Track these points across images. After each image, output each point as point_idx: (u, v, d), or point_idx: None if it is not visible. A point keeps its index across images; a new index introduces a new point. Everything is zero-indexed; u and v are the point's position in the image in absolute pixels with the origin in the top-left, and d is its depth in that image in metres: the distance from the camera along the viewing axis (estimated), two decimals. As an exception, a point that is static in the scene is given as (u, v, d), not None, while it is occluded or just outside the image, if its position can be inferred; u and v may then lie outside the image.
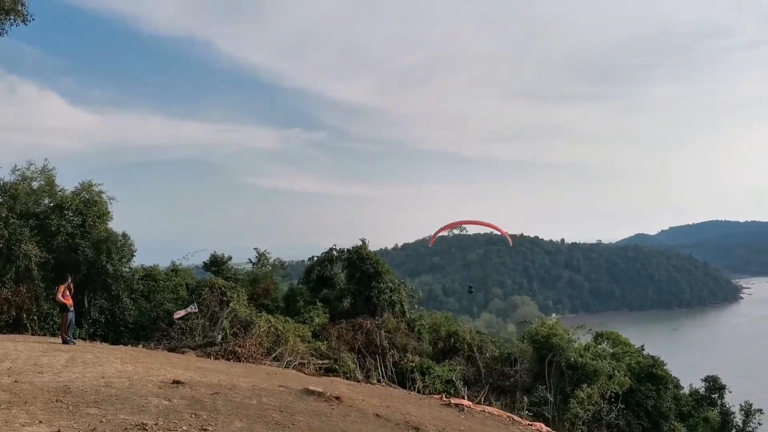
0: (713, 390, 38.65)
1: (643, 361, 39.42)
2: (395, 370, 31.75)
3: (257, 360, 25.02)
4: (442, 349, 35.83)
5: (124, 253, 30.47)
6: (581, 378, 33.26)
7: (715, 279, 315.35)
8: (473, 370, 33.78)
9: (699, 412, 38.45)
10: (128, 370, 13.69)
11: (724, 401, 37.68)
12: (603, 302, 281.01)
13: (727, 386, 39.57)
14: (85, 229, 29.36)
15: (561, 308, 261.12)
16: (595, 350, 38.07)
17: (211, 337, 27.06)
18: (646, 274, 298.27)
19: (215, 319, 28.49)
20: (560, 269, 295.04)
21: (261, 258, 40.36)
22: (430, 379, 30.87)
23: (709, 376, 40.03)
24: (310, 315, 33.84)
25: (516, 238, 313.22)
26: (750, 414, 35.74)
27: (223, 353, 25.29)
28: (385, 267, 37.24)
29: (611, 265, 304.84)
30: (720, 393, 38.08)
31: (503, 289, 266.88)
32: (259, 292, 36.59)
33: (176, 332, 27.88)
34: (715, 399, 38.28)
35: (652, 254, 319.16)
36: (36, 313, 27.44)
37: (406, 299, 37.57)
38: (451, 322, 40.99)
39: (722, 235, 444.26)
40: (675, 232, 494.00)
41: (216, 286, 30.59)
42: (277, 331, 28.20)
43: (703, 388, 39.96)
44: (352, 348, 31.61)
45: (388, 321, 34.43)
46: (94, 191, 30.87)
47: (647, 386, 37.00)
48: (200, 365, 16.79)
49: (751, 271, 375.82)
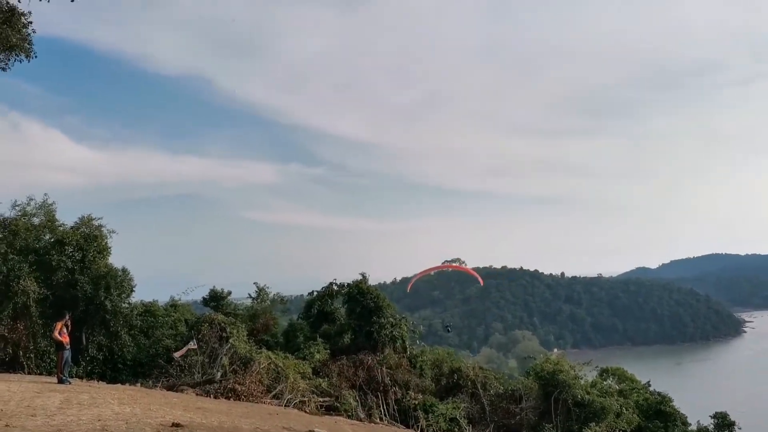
0: (722, 427, 37.84)
1: (651, 397, 38.78)
2: (397, 407, 31.04)
3: (257, 398, 24.44)
4: (445, 386, 35.13)
5: (123, 289, 30.05)
6: (589, 416, 32.52)
7: (718, 313, 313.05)
8: (477, 408, 33.05)
9: (708, 450, 37.62)
10: (125, 411, 13.21)
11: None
12: (605, 337, 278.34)
13: (737, 423, 38.73)
14: (85, 265, 29.02)
15: (563, 343, 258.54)
16: (602, 387, 37.35)
17: (211, 374, 26.50)
18: (648, 308, 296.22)
19: (214, 355, 27.95)
20: (561, 303, 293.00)
21: (260, 293, 39.91)
22: (433, 417, 30.16)
23: (718, 413, 39.25)
24: (310, 351, 33.27)
25: (516, 272, 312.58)
26: (761, 452, 34.98)
27: (222, 391, 24.73)
28: (385, 302, 36.79)
29: (612, 298, 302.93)
30: (729, 430, 37.26)
31: (504, 323, 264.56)
32: (259, 328, 36.06)
33: (175, 369, 27.32)
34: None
35: (654, 288, 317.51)
36: (33, 351, 26.90)
37: (407, 335, 36.98)
38: (454, 357, 40.36)
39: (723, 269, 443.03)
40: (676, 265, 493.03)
41: (215, 322, 30.11)
42: (277, 368, 27.69)
43: (711, 424, 39.12)
44: (353, 385, 30.96)
45: (390, 357, 33.81)
46: (94, 225, 30.63)
47: (655, 423, 36.31)
48: (200, 405, 16.27)
49: (754, 305, 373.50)
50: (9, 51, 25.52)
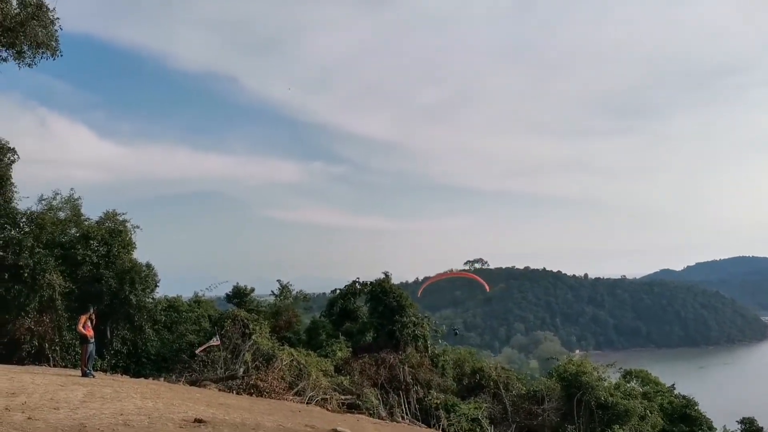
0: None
1: (675, 401, 38.09)
2: (419, 406, 30.82)
3: (279, 395, 24.42)
4: (466, 386, 34.82)
5: (148, 284, 30.28)
6: (612, 418, 32.03)
7: (743, 316, 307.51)
8: (499, 408, 32.69)
9: (734, 454, 36.86)
10: (148, 406, 13.19)
11: (761, 444, 36.07)
12: (628, 339, 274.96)
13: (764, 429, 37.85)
14: (110, 259, 29.29)
15: (585, 344, 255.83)
16: (625, 389, 36.75)
17: (233, 370, 26.56)
18: (672, 310, 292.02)
19: (237, 351, 28.03)
20: (584, 305, 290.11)
21: (284, 290, 39.99)
22: (455, 417, 29.89)
23: (746, 418, 38.41)
24: (332, 348, 33.23)
25: (538, 273, 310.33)
26: (789, 458, 34.10)
27: (244, 387, 24.78)
28: (408, 301, 36.62)
29: (636, 301, 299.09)
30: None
31: (525, 324, 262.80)
32: (282, 325, 36.10)
33: (198, 364, 27.47)
34: (752, 442, 36.65)
35: (678, 290, 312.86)
36: (58, 344, 27.21)
37: (429, 334, 36.77)
38: (476, 357, 39.99)
39: (749, 272, 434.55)
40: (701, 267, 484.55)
41: (238, 318, 30.22)
42: (299, 365, 27.67)
43: (738, 430, 38.29)
44: (375, 383, 30.81)
45: (412, 356, 33.62)
46: (118, 220, 30.94)
47: (680, 427, 35.73)
48: (222, 401, 16.23)
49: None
50: (36, 48, 25.91)
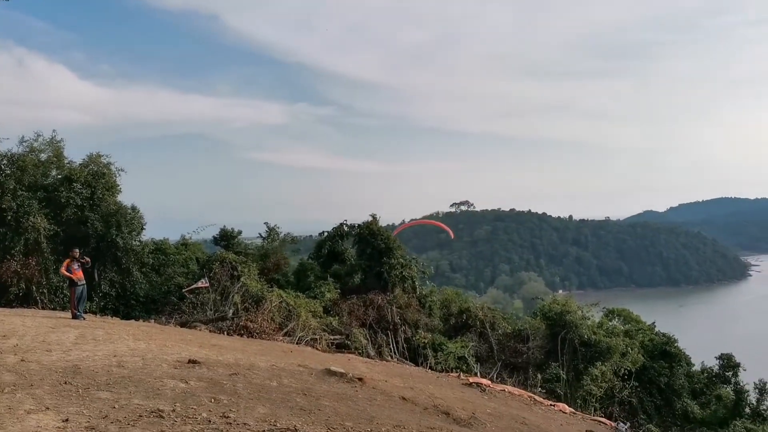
0: (727, 368, 38.11)
1: (656, 338, 39.02)
2: (407, 346, 31.42)
3: (269, 335, 24.70)
4: (453, 326, 35.47)
5: (134, 227, 30.06)
6: (594, 355, 32.90)
7: (724, 256, 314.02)
8: (485, 347, 33.41)
9: (711, 389, 38.07)
10: (141, 347, 13.23)
11: (738, 379, 37.19)
12: (610, 279, 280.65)
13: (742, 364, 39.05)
14: (94, 202, 28.94)
15: (568, 285, 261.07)
16: (608, 327, 37.67)
17: (223, 311, 26.75)
18: (654, 251, 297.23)
19: (226, 293, 28.17)
20: (568, 246, 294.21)
21: (271, 232, 39.83)
22: (442, 355, 30.51)
23: (724, 354, 39.46)
24: (321, 290, 33.45)
25: (524, 215, 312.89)
26: (765, 392, 35.20)
27: (235, 328, 24.99)
28: (396, 243, 36.73)
29: (619, 242, 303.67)
30: (734, 371, 37.57)
31: (510, 265, 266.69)
32: (270, 267, 36.16)
33: (187, 306, 27.60)
34: (729, 377, 37.79)
35: (661, 231, 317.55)
36: (46, 286, 27.16)
37: (417, 275, 37.11)
38: (462, 298, 40.57)
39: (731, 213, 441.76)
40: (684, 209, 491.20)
41: (227, 261, 30.23)
42: (288, 306, 27.89)
43: (716, 365, 39.50)
44: (364, 323, 31.24)
45: (399, 297, 33.99)
46: (102, 163, 30.39)
47: (660, 364, 36.64)
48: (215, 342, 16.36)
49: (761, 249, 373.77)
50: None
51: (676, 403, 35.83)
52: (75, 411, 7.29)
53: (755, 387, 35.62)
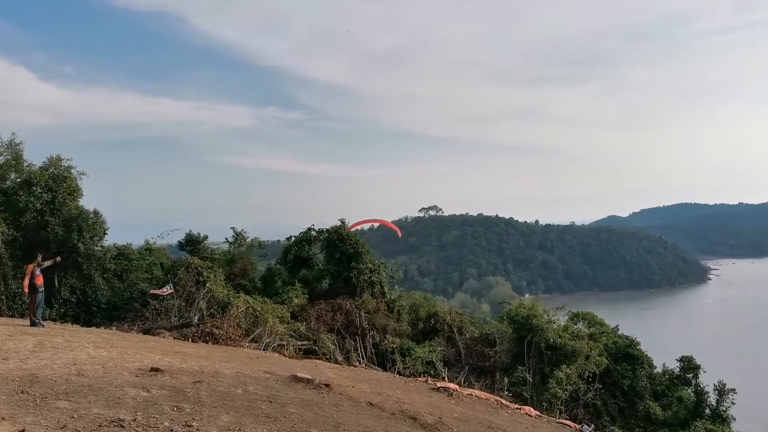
0: (688, 370, 38.99)
1: (619, 341, 39.65)
2: (375, 351, 31.38)
3: (236, 342, 24.40)
4: (421, 330, 35.57)
5: (96, 231, 29.41)
6: (560, 358, 33.34)
7: (684, 260, 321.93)
8: (453, 351, 33.60)
9: (673, 391, 38.88)
10: (102, 355, 12.92)
11: (698, 381, 38.08)
12: (575, 283, 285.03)
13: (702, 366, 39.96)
14: (55, 206, 28.26)
15: (534, 289, 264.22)
16: (573, 331, 38.21)
17: (188, 318, 26.34)
18: (617, 255, 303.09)
19: (191, 299, 27.74)
20: (534, 250, 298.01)
21: (238, 237, 39.47)
22: (410, 360, 30.56)
23: (684, 357, 40.31)
24: (288, 295, 33.22)
25: (491, 220, 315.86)
26: (724, 393, 36.09)
27: (200, 335, 24.62)
28: (364, 247, 36.72)
29: (584, 246, 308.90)
30: (695, 373, 38.45)
31: (478, 269, 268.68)
32: (237, 272, 35.80)
33: (151, 313, 27.08)
34: (690, 379, 38.67)
35: (624, 236, 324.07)
36: (4, 293, 26.36)
37: (385, 280, 37.14)
38: (430, 302, 40.74)
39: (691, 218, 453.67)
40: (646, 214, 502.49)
41: (192, 266, 29.79)
42: (255, 312, 27.60)
43: (677, 367, 40.35)
44: (332, 329, 31.11)
45: (368, 302, 33.98)
46: (63, 166, 29.67)
47: (623, 366, 37.23)
48: (179, 349, 16.06)
49: (719, 253, 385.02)
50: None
51: (639, 405, 36.49)
52: (32, 421, 7.06)
53: (715, 388, 36.45)
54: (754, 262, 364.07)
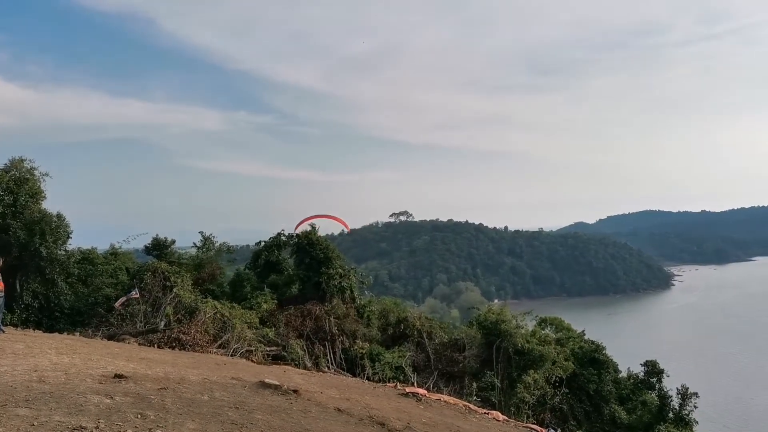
0: (652, 374, 39.74)
1: (585, 346, 40.20)
2: (344, 356, 31.27)
3: (203, 347, 24.07)
4: (391, 335, 35.59)
5: (59, 235, 28.70)
6: (528, 363, 33.68)
7: (649, 266, 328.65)
8: (422, 356, 33.68)
9: (637, 395, 39.55)
10: (64, 362, 12.63)
11: (662, 385, 38.83)
12: (544, 288, 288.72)
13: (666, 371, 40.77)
14: (17, 209, 27.51)
15: (503, 294, 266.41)
16: (540, 336, 38.66)
17: (154, 323, 25.89)
18: (584, 261, 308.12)
19: (158, 304, 27.30)
20: (504, 256, 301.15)
21: (206, 242, 38.93)
22: (380, 365, 30.53)
23: (648, 361, 41.09)
24: (257, 301, 32.90)
25: (461, 225, 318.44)
26: (686, 397, 36.85)
27: (166, 341, 24.21)
28: (335, 253, 36.60)
29: (552, 252, 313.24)
30: (658, 377, 39.20)
31: (448, 275, 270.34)
32: (205, 277, 35.34)
33: (116, 318, 26.54)
34: (654, 383, 39.41)
35: (591, 242, 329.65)
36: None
37: (356, 285, 37.07)
38: (400, 308, 40.78)
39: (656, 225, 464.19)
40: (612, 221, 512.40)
41: (159, 271, 29.32)
42: (223, 318, 27.27)
43: (642, 372, 41.09)
44: (301, 334, 30.91)
45: (338, 307, 33.84)
46: (25, 168, 28.94)
47: (589, 371, 37.77)
48: (144, 355, 15.79)
49: (683, 259, 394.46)
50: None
51: (605, 409, 37.06)
52: (-11, 430, 6.89)
53: (678, 392, 37.18)
54: (716, 268, 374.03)
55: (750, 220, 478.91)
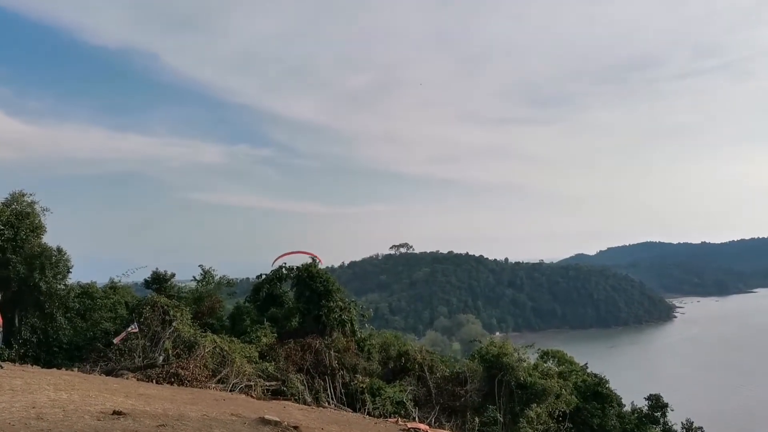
0: (656, 408, 39.32)
1: (589, 379, 39.84)
2: (345, 391, 30.91)
3: (202, 383, 23.81)
4: (392, 369, 35.23)
5: (59, 270, 28.66)
6: (530, 397, 33.29)
7: (650, 298, 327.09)
8: (424, 391, 33.30)
9: (642, 430, 39.02)
10: (62, 398, 12.50)
11: (666, 419, 38.37)
12: (544, 320, 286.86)
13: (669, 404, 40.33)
14: (17, 243, 27.51)
15: (504, 326, 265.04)
16: (543, 369, 38.27)
17: (153, 358, 25.65)
18: (585, 293, 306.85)
19: (157, 339, 27.08)
20: (504, 288, 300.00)
21: (206, 275, 38.85)
22: (380, 400, 30.16)
23: (652, 395, 40.74)
24: (257, 334, 32.70)
25: (462, 257, 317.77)
26: (691, 431, 36.49)
27: (165, 376, 23.96)
28: (335, 285, 36.51)
29: (553, 284, 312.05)
30: (663, 411, 38.77)
31: (449, 307, 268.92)
32: (204, 311, 35.17)
33: (114, 353, 26.29)
34: (658, 417, 38.95)
35: (591, 274, 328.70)
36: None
37: (356, 318, 36.87)
38: (401, 341, 40.46)
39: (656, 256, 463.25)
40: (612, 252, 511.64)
41: (158, 305, 29.14)
42: (222, 352, 27.04)
43: (646, 406, 40.67)
44: (301, 369, 30.64)
45: (338, 340, 33.62)
46: (26, 202, 29.05)
47: (593, 405, 37.34)
48: (142, 391, 15.63)
49: (684, 291, 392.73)
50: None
51: (609, 444, 36.49)
52: (-14, 469, 6.80)
53: (683, 427, 36.78)
54: (717, 300, 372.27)
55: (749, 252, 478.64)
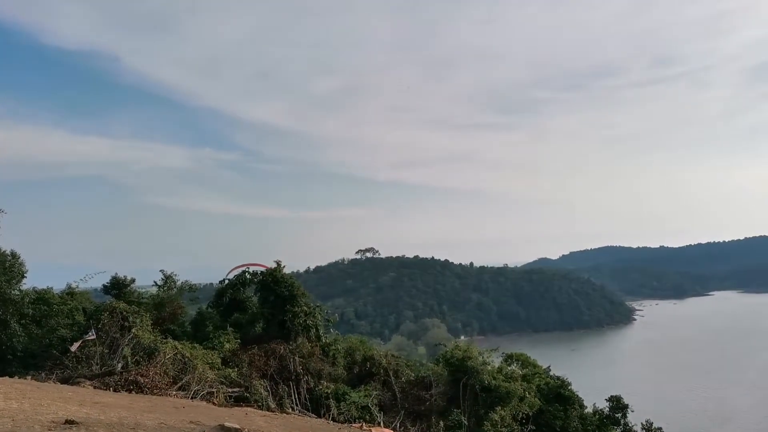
0: (617, 409, 40.03)
1: (551, 382, 40.37)
2: (309, 396, 30.65)
3: (162, 390, 23.24)
4: (357, 374, 35.10)
5: (13, 274, 27.75)
6: (495, 400, 33.53)
7: (612, 302, 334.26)
8: (389, 395, 33.25)
9: (603, 431, 39.69)
10: (12, 407, 12.02)
11: (627, 420, 39.08)
12: (509, 324, 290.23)
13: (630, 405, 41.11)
14: (-33, 247, 26.56)
15: (470, 330, 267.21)
16: (507, 372, 38.61)
17: (111, 365, 24.95)
18: (548, 296, 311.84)
19: (115, 346, 26.38)
20: (470, 292, 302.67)
21: (167, 280, 38.07)
22: (345, 405, 29.99)
23: (613, 396, 41.47)
24: (219, 340, 32.12)
25: (427, 262, 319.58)
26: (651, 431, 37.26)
27: (123, 384, 23.31)
28: (300, 290, 36.13)
29: (517, 288, 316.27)
30: (623, 412, 39.49)
31: (415, 311, 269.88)
32: (165, 317, 34.45)
33: (71, 361, 25.49)
34: (619, 418, 39.66)
35: (555, 278, 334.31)
36: None
37: (321, 323, 36.58)
38: (366, 346, 40.36)
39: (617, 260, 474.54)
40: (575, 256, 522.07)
41: (117, 311, 28.38)
42: (183, 358, 26.49)
43: (607, 407, 41.36)
44: (265, 375, 30.23)
45: (303, 346, 33.27)
46: (-23, 204, 28.03)
47: (555, 407, 37.84)
48: (98, 399, 15.16)
49: (643, 294, 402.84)
50: None
51: (571, 446, 36.99)
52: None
53: (642, 427, 37.49)
54: (675, 303, 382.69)
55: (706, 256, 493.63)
